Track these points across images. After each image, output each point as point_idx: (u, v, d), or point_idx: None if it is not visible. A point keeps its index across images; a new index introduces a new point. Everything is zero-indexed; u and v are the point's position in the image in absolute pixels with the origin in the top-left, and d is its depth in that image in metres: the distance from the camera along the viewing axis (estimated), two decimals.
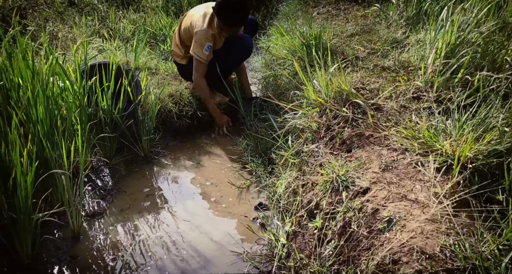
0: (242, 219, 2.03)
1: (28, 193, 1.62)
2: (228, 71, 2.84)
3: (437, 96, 1.86)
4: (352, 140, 1.82)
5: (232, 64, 2.81)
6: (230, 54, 2.70)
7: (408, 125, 1.69)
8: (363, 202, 1.45)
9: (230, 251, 1.80)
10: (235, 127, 2.80)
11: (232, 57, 2.74)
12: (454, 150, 1.47)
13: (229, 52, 2.69)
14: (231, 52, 2.70)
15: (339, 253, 1.41)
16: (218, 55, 2.65)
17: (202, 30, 2.51)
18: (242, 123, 2.76)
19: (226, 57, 2.69)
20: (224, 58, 2.68)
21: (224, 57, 2.68)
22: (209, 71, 2.68)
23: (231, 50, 2.69)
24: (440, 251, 1.16)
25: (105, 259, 1.78)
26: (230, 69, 2.86)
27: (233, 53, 2.70)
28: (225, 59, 2.69)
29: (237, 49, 2.70)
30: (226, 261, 1.77)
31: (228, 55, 2.69)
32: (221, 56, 2.66)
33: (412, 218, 1.29)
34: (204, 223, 2.01)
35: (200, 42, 2.51)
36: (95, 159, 2.43)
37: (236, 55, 2.74)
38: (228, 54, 2.69)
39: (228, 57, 2.71)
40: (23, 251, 1.68)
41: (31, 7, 4.47)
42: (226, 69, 2.74)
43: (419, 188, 1.42)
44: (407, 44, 2.40)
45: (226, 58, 2.70)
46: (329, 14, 3.29)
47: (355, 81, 2.11)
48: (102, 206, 2.12)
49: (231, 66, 2.81)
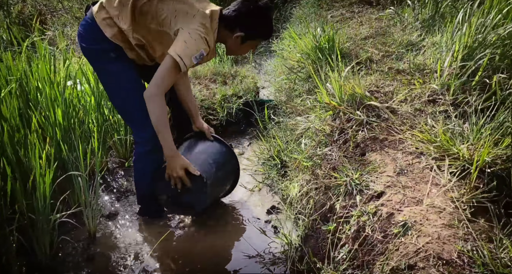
0: (254, 222, 2.03)
1: (47, 194, 1.66)
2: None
3: (454, 99, 1.83)
4: (366, 143, 1.80)
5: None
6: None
7: (423, 129, 1.66)
8: (378, 206, 1.44)
9: (243, 254, 1.81)
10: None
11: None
12: (471, 154, 1.44)
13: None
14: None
15: (353, 257, 1.39)
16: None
17: (201, 31, 1.70)
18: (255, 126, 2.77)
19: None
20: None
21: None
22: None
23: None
24: (458, 257, 1.14)
25: (121, 260, 1.81)
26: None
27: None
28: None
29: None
30: (238, 263, 1.78)
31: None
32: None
33: (428, 223, 1.27)
34: (216, 225, 2.02)
35: (195, 44, 1.68)
36: (111, 161, 2.47)
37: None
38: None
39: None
40: (41, 252, 1.72)
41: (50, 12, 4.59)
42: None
43: (435, 192, 1.40)
44: (422, 47, 2.37)
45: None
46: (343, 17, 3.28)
47: (369, 84, 2.10)
48: (117, 208, 2.15)
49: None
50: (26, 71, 2.05)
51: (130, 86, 1.86)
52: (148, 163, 1.94)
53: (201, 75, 3.20)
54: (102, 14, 1.78)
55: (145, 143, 1.90)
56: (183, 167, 1.80)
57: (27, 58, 2.19)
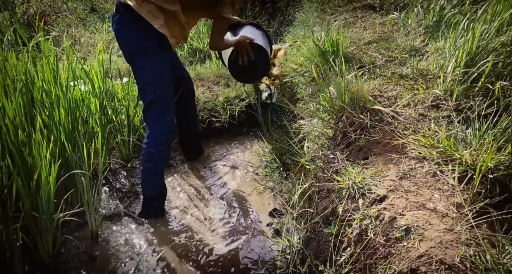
0: (256, 225, 2.04)
1: (51, 193, 1.67)
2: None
3: (457, 104, 1.84)
4: (369, 147, 1.81)
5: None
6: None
7: (426, 134, 1.67)
8: (380, 210, 1.44)
9: (245, 257, 1.81)
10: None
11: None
12: (474, 160, 1.45)
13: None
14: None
15: (355, 261, 1.40)
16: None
17: None
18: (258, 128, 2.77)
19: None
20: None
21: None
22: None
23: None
24: (460, 262, 1.14)
25: (123, 260, 1.81)
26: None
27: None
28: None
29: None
30: (240, 266, 1.78)
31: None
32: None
33: (431, 228, 1.27)
34: (218, 228, 2.03)
35: (235, 1, 2.01)
36: (113, 161, 2.48)
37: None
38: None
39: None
40: (44, 251, 1.72)
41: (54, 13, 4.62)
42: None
43: (438, 197, 1.40)
44: (426, 52, 2.39)
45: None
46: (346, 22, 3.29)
47: (373, 88, 2.11)
48: (120, 208, 2.16)
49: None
50: (31, 71, 2.07)
51: (168, 80, 1.99)
52: (158, 163, 2.03)
53: (204, 77, 3.21)
54: (147, 5, 1.80)
55: (158, 142, 1.99)
56: (247, 41, 2.32)
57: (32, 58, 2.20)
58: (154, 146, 1.99)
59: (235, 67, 2.44)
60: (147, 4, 1.80)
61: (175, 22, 1.89)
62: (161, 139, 2.00)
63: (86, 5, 4.80)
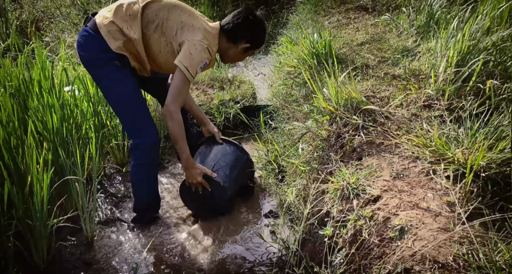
0: (252, 226, 2.04)
1: (44, 200, 1.66)
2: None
3: (449, 104, 1.86)
4: (362, 148, 1.82)
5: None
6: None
7: (419, 133, 1.68)
8: (374, 210, 1.45)
9: (240, 258, 1.81)
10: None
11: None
12: (466, 159, 1.46)
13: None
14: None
15: (350, 261, 1.40)
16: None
17: (204, 42, 1.83)
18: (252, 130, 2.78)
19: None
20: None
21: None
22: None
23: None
24: (453, 260, 1.15)
25: (117, 265, 1.80)
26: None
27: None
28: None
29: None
30: (236, 268, 1.78)
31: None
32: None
33: (424, 227, 1.28)
34: (213, 231, 2.02)
35: (199, 55, 1.80)
36: (108, 166, 2.47)
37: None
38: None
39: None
40: (38, 257, 1.71)
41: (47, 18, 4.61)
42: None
43: (431, 196, 1.41)
44: (417, 53, 2.40)
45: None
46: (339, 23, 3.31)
47: (366, 89, 2.12)
48: (114, 213, 2.15)
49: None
50: (25, 76, 2.06)
51: (132, 94, 1.91)
52: (145, 177, 2.00)
53: (199, 81, 3.21)
54: (109, 26, 1.80)
55: (142, 154, 1.95)
56: (201, 173, 1.96)
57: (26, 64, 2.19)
58: (139, 159, 1.96)
59: (187, 194, 2.07)
60: (109, 24, 1.80)
61: (135, 50, 1.86)
62: (146, 152, 1.95)
63: (79, 10, 4.79)
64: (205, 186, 1.98)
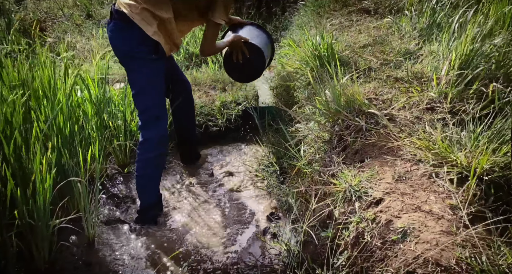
0: (254, 228, 2.03)
1: (47, 200, 1.66)
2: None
3: (451, 107, 1.85)
4: (365, 150, 1.81)
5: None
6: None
7: (422, 136, 1.68)
8: (376, 213, 1.44)
9: (242, 260, 1.81)
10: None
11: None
12: (469, 162, 1.45)
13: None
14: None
15: (352, 264, 1.40)
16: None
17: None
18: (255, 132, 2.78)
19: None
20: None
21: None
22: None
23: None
24: (456, 264, 1.14)
25: (119, 266, 1.80)
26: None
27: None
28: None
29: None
30: (237, 270, 1.77)
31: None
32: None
33: (427, 230, 1.27)
34: (215, 232, 2.02)
35: (228, 6, 1.99)
36: (110, 167, 2.48)
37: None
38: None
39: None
40: (40, 257, 1.71)
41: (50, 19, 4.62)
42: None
43: (434, 199, 1.41)
44: (420, 55, 2.40)
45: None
46: (342, 26, 3.31)
47: (368, 91, 2.12)
48: (116, 214, 2.15)
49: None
50: (29, 77, 2.07)
51: (162, 86, 2.02)
52: (154, 169, 2.04)
53: (201, 82, 3.22)
54: (141, 13, 1.81)
55: (154, 145, 2.00)
56: (241, 40, 2.19)
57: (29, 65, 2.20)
58: (148, 153, 1.99)
59: (229, 65, 2.37)
60: (141, 11, 1.81)
61: (168, 29, 1.90)
62: (154, 145, 1.99)
63: (82, 11, 4.81)
64: (245, 51, 2.22)
